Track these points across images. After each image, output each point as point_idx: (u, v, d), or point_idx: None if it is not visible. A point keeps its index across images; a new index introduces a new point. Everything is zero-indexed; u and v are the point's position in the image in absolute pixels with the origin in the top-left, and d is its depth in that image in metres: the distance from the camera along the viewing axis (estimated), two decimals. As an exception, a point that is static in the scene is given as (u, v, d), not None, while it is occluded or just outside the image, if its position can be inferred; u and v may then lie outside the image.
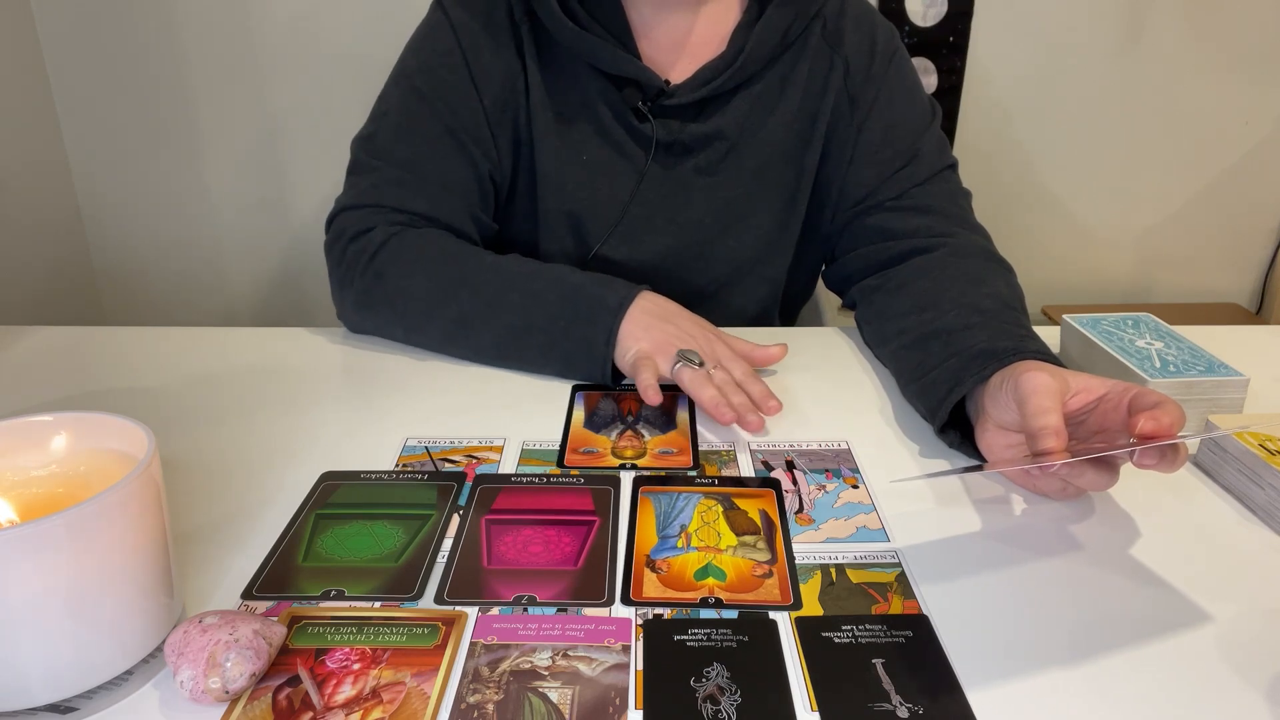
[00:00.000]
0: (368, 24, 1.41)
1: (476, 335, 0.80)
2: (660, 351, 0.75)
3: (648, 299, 0.79)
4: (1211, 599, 0.54)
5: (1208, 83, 1.57)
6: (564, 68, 0.89)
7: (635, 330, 0.76)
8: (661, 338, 0.76)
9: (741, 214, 0.93)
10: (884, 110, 0.90)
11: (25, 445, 0.49)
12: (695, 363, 0.73)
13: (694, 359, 0.73)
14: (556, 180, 0.91)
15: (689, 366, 0.73)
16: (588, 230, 0.93)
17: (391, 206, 0.86)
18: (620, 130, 0.90)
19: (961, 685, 0.47)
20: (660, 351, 0.75)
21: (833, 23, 0.91)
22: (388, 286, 0.83)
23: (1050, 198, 1.65)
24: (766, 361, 0.81)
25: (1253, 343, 0.88)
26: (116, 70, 1.45)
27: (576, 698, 0.46)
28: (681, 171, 0.91)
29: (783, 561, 0.57)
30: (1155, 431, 0.54)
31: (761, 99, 0.90)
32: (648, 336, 0.76)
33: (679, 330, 0.77)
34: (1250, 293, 1.76)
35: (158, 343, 0.87)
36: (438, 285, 0.81)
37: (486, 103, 0.89)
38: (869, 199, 0.91)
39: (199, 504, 0.62)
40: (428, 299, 0.81)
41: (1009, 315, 0.74)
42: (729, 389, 0.72)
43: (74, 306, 1.53)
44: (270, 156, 1.51)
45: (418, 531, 0.59)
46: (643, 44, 0.89)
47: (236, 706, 0.45)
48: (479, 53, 0.88)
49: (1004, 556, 0.57)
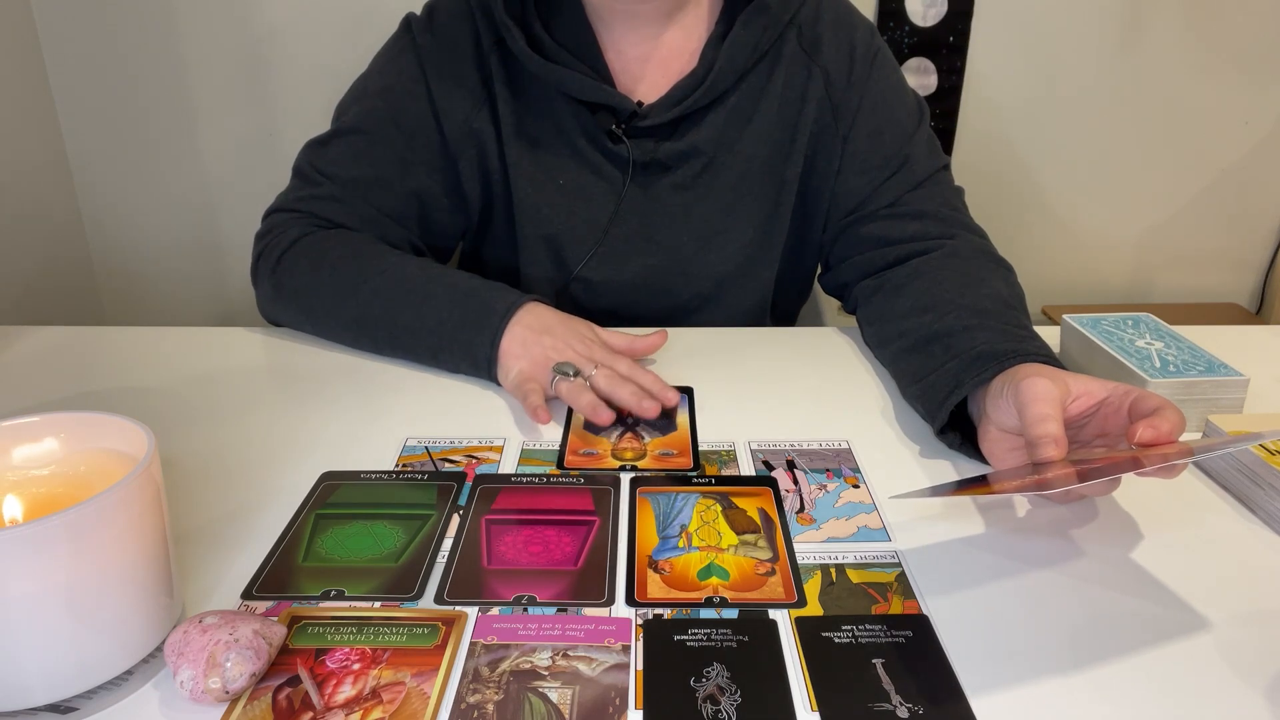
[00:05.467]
0: (368, 26, 1.41)
1: (373, 334, 0.82)
2: (538, 368, 0.75)
3: (530, 312, 0.78)
4: (1211, 600, 0.54)
5: (1208, 83, 1.57)
6: (535, 94, 0.89)
7: (514, 348, 0.76)
8: (539, 354, 0.75)
9: (721, 228, 0.92)
10: (869, 116, 0.90)
11: (25, 445, 0.49)
12: (570, 374, 0.74)
13: (568, 370, 0.74)
14: (533, 205, 0.91)
15: (565, 379, 0.73)
16: (567, 254, 0.93)
17: (324, 218, 0.88)
18: (595, 153, 0.89)
19: (961, 686, 0.47)
20: (538, 368, 0.75)
21: (809, 30, 0.89)
22: (295, 283, 0.85)
23: (1050, 197, 1.65)
24: (648, 350, 0.82)
25: (1253, 343, 0.88)
26: (116, 70, 1.44)
27: (576, 698, 0.46)
28: (659, 190, 0.91)
29: (785, 559, 0.57)
30: (1154, 439, 0.54)
31: (736, 112, 0.89)
32: (526, 354, 0.76)
33: (555, 341, 0.76)
34: (1250, 293, 1.76)
35: (158, 343, 0.87)
36: (337, 285, 0.82)
37: (447, 130, 0.89)
38: (862, 208, 0.90)
39: (199, 504, 0.62)
40: (328, 298, 0.83)
41: (1009, 316, 0.74)
42: (615, 384, 0.73)
43: (74, 306, 1.53)
44: (270, 157, 1.51)
45: (418, 531, 0.59)
46: (612, 60, 0.89)
47: (236, 706, 0.45)
48: (443, 80, 0.88)
49: (1004, 557, 0.57)
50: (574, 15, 0.87)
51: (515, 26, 0.84)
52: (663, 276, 0.94)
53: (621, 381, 0.73)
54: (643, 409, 0.72)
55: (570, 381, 0.73)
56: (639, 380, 0.74)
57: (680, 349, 0.86)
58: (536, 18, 0.86)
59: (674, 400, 0.74)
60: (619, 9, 0.86)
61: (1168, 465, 0.52)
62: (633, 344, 0.81)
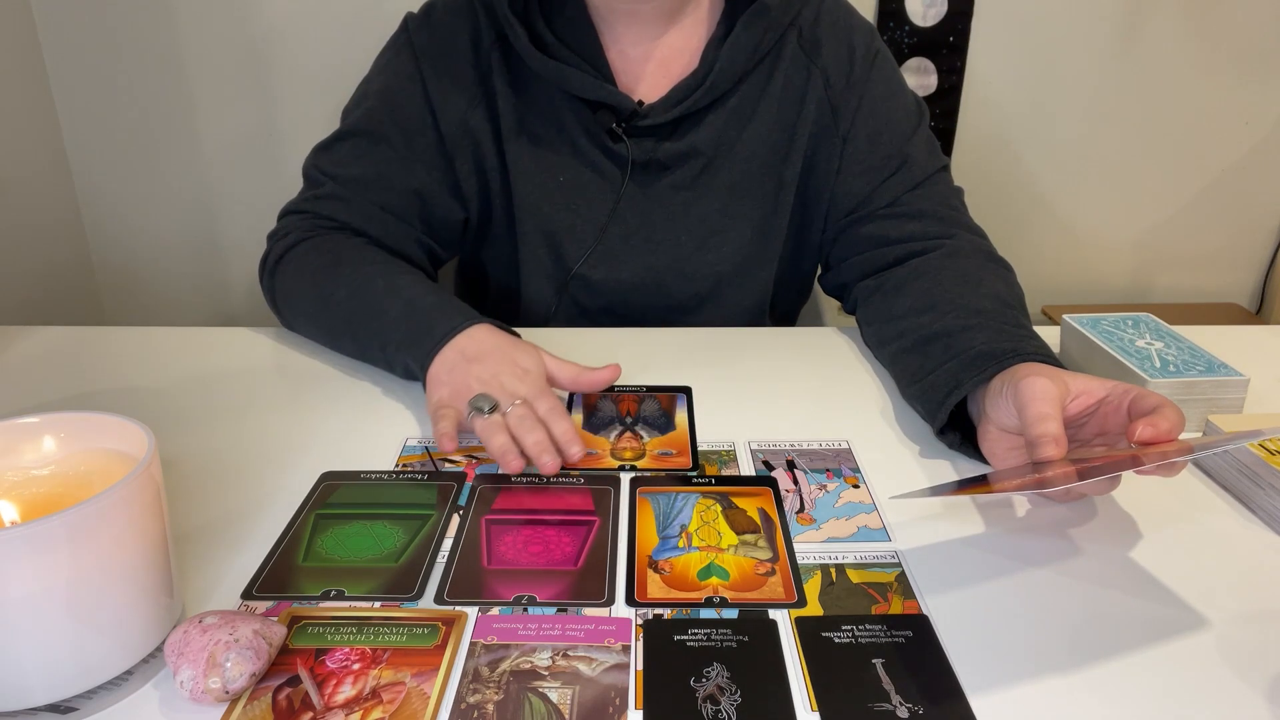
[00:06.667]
0: (369, 26, 1.41)
1: (342, 345, 0.83)
2: (458, 398, 0.70)
3: (469, 337, 0.74)
4: (1211, 600, 0.54)
5: (1208, 83, 1.57)
6: (536, 92, 0.89)
7: (441, 374, 0.72)
8: (461, 383, 0.71)
9: (719, 229, 0.92)
10: (868, 117, 0.90)
11: (25, 445, 0.49)
12: (484, 409, 0.67)
13: (482, 405, 0.67)
14: (533, 203, 0.91)
15: (479, 416, 0.67)
16: (566, 251, 0.93)
17: (328, 217, 0.88)
18: (595, 151, 0.89)
19: (961, 685, 0.47)
20: (458, 398, 0.70)
21: (809, 31, 0.90)
22: (285, 288, 0.87)
23: (1050, 197, 1.65)
24: (595, 385, 0.75)
25: (1253, 343, 0.88)
26: (116, 70, 1.44)
27: (576, 698, 0.46)
28: (658, 190, 0.91)
29: (785, 559, 0.57)
30: (1154, 438, 0.54)
31: (736, 113, 0.89)
32: (450, 381, 0.71)
33: (483, 370, 0.71)
34: (1250, 293, 1.76)
35: (158, 343, 0.87)
36: (315, 294, 0.83)
37: (443, 127, 0.89)
38: (861, 208, 0.90)
39: (199, 504, 0.62)
40: (309, 306, 0.84)
41: (1008, 315, 0.74)
42: (525, 428, 0.66)
43: (74, 306, 1.53)
44: (270, 157, 1.51)
45: (418, 531, 0.59)
46: (614, 59, 0.89)
47: (236, 706, 0.45)
48: (439, 78, 0.88)
49: (1004, 556, 0.57)
50: (577, 14, 0.88)
51: (518, 23, 0.85)
52: (662, 276, 0.94)
53: (533, 426, 0.66)
54: (540, 463, 0.64)
55: (484, 419, 0.67)
56: (553, 427, 0.67)
57: (679, 349, 0.86)
58: (540, 15, 0.86)
59: (576, 457, 0.66)
60: (620, 8, 0.87)
61: (1168, 463, 0.52)
62: (578, 377, 0.74)
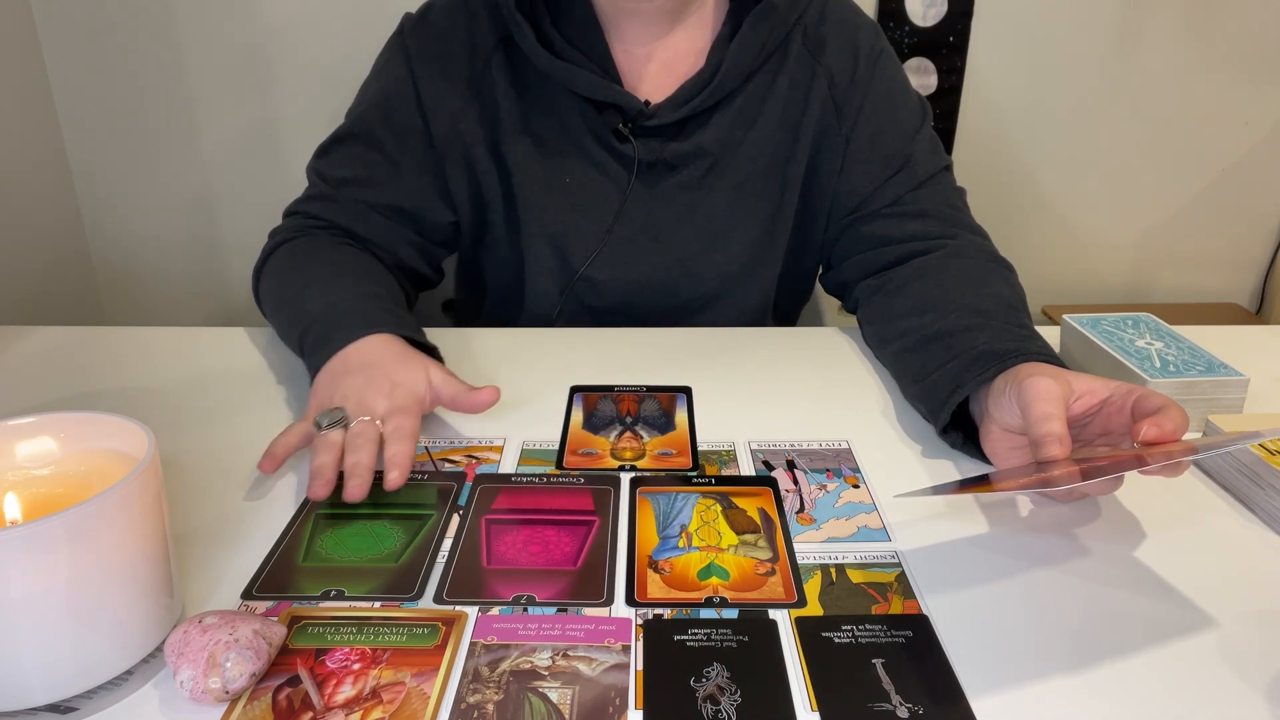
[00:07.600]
0: (369, 26, 1.41)
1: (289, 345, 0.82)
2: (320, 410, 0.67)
3: (359, 349, 0.71)
4: (1212, 600, 0.53)
5: (1208, 83, 1.57)
6: (540, 93, 0.89)
7: (319, 384, 0.70)
8: (326, 395, 0.68)
9: (725, 228, 0.92)
10: (871, 116, 0.90)
11: (25, 445, 0.49)
12: (328, 424, 0.64)
13: (324, 421, 0.65)
14: (538, 205, 0.91)
15: (316, 430, 0.65)
16: (571, 253, 0.93)
17: (317, 217, 0.89)
18: (602, 152, 0.89)
19: (961, 686, 0.47)
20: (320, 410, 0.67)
21: (814, 30, 0.90)
22: (263, 287, 0.88)
23: (1050, 197, 1.65)
24: (473, 407, 0.70)
25: (1253, 343, 0.88)
26: (116, 70, 1.44)
27: (576, 698, 0.46)
28: (665, 190, 0.91)
29: (785, 559, 0.56)
30: (1158, 438, 0.54)
31: (742, 113, 0.89)
32: (321, 393, 0.69)
33: (355, 383, 0.68)
34: (1250, 293, 1.76)
35: (158, 343, 0.87)
36: (274, 296, 0.84)
37: (435, 130, 0.89)
38: (863, 207, 0.91)
39: (199, 504, 0.62)
40: (270, 306, 0.85)
41: (1010, 315, 0.74)
42: (354, 445, 0.63)
43: (74, 306, 1.53)
44: (270, 156, 1.51)
45: (417, 531, 0.59)
46: (620, 59, 0.89)
47: (236, 706, 0.45)
48: (431, 80, 0.88)
49: (1004, 556, 0.57)
50: (583, 14, 0.87)
51: (525, 23, 0.85)
52: (667, 276, 0.94)
53: (360, 446, 0.63)
54: (347, 486, 0.60)
55: (321, 435, 0.64)
56: (388, 446, 0.63)
57: (680, 349, 0.86)
58: (546, 15, 0.86)
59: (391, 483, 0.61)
60: (624, 8, 0.87)
61: (1172, 463, 0.52)
62: (457, 397, 0.70)
